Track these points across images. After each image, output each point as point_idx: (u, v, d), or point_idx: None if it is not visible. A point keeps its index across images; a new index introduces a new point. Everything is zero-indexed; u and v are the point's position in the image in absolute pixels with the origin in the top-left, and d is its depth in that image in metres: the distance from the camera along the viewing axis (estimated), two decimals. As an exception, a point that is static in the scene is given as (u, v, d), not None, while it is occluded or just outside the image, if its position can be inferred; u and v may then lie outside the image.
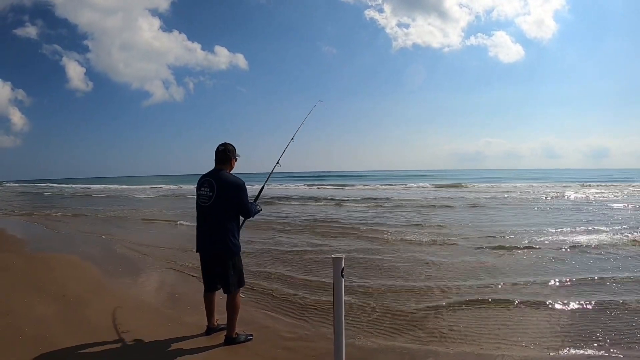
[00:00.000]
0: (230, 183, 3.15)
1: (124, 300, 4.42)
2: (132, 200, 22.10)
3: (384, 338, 3.44)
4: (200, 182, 3.22)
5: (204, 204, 3.17)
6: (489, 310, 4.06)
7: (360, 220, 11.18)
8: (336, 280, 2.29)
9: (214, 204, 3.13)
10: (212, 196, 3.12)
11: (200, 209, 3.21)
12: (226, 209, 3.15)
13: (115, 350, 3.17)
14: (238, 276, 3.26)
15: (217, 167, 3.25)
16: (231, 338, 3.25)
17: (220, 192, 3.11)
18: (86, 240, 8.60)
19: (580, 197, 18.76)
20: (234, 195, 3.14)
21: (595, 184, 28.95)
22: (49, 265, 6.13)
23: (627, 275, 5.15)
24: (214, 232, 3.16)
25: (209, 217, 3.17)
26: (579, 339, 3.34)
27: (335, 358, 2.34)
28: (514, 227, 9.26)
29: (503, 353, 3.10)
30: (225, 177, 3.18)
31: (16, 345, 3.18)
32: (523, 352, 3.13)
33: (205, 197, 3.15)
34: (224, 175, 3.20)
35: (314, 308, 4.19)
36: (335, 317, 2.32)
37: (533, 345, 3.24)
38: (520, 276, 5.26)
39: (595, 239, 7.57)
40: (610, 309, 3.97)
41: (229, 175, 3.22)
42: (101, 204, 19.93)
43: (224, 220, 3.14)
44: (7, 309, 4.02)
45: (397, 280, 5.17)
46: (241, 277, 3.32)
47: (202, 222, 3.23)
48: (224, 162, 3.26)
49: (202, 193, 3.18)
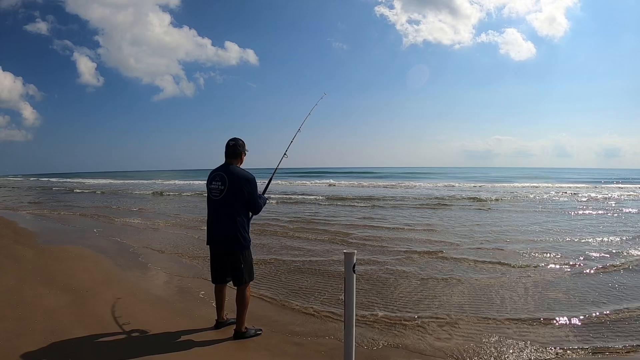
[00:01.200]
0: (241, 177, 3.17)
1: (134, 293, 4.45)
2: (132, 198, 22.27)
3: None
4: (212, 177, 3.24)
5: (215, 198, 3.19)
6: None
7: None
8: (348, 275, 2.26)
9: (225, 197, 3.14)
10: (224, 190, 3.14)
11: (212, 202, 3.24)
12: (237, 202, 3.16)
13: (124, 341, 3.19)
14: (248, 270, 3.28)
15: (227, 161, 3.26)
16: (240, 332, 3.25)
17: (231, 185, 3.13)
18: (93, 234, 8.68)
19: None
20: (245, 189, 3.15)
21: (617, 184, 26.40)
22: (59, 257, 6.20)
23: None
24: (224, 225, 3.17)
25: (220, 211, 3.19)
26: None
27: (345, 354, 2.31)
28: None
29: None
30: (237, 171, 3.20)
31: (26, 336, 3.20)
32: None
33: (217, 190, 3.17)
34: (235, 169, 3.22)
35: (323, 303, 4.17)
36: (346, 312, 2.28)
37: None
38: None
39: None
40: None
41: (240, 170, 3.24)
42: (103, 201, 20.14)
43: (235, 214, 3.16)
44: (19, 300, 4.06)
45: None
46: (251, 270, 3.33)
47: (213, 215, 3.25)
48: (235, 156, 3.27)
49: (213, 187, 3.20)
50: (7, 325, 3.41)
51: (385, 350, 3.13)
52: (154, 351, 3.00)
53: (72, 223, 10.41)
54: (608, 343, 3.21)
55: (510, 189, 22.72)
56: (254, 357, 2.99)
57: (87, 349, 3.01)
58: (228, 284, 3.41)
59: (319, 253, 6.52)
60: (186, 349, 3.06)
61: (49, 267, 5.53)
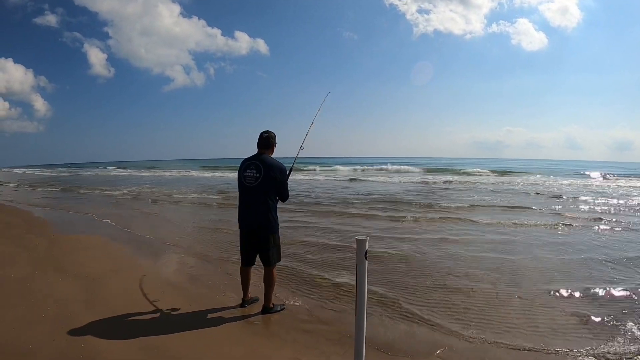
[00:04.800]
0: (275, 166, 3.42)
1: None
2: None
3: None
4: (246, 165, 3.46)
5: (249, 185, 3.41)
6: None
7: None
8: (360, 262, 2.20)
9: (260, 184, 3.37)
10: (260, 177, 3.37)
11: (246, 189, 3.45)
12: (270, 189, 3.40)
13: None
14: (277, 252, 3.54)
15: (260, 151, 3.50)
16: (268, 308, 3.53)
17: (266, 173, 3.37)
18: (105, 224, 8.74)
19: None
20: (278, 177, 3.41)
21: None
22: (73, 246, 6.26)
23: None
24: (258, 210, 3.41)
25: (254, 197, 3.41)
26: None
27: (355, 341, 2.27)
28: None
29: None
30: (270, 161, 3.45)
31: (38, 323, 3.23)
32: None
33: (252, 178, 3.39)
34: (269, 159, 3.46)
35: (333, 290, 4.14)
36: (357, 299, 2.23)
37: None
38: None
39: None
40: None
41: (273, 159, 3.49)
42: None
43: (267, 199, 3.40)
44: (31, 288, 4.10)
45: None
46: (279, 253, 3.59)
47: (247, 200, 3.46)
48: (267, 147, 3.52)
49: (248, 174, 3.42)
50: (19, 313, 3.44)
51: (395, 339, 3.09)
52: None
53: (83, 211, 10.51)
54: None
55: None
56: (265, 344, 2.98)
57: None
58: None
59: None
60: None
61: (63, 255, 5.58)
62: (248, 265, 3.63)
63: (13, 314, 3.42)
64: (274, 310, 3.54)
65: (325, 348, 2.90)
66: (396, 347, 2.93)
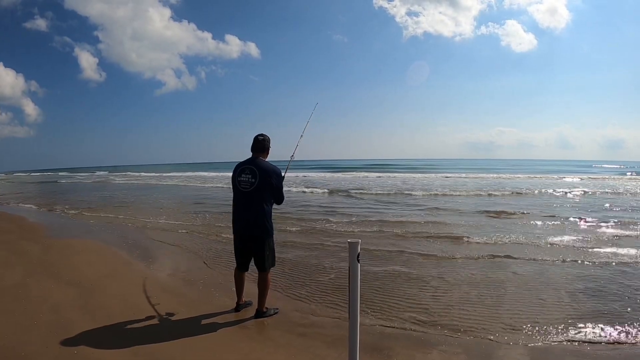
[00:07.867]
0: (270, 170, 3.36)
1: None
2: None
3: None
4: (240, 169, 3.39)
5: (245, 190, 3.35)
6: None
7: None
8: (352, 264, 2.22)
9: (256, 189, 3.32)
10: (255, 182, 3.31)
11: (241, 194, 3.39)
12: (266, 194, 3.35)
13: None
14: (272, 256, 3.50)
15: (254, 155, 3.44)
16: (261, 311, 3.50)
17: (262, 178, 3.31)
18: (103, 227, 8.68)
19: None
20: (273, 181, 3.35)
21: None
22: (66, 251, 6.20)
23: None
24: (253, 215, 3.35)
25: (249, 201, 3.36)
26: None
27: (349, 344, 2.29)
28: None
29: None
30: (265, 165, 3.38)
31: (32, 330, 3.20)
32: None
33: (247, 183, 3.34)
34: (264, 163, 3.40)
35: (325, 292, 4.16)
36: (350, 302, 2.25)
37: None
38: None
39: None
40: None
41: (268, 163, 3.42)
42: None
43: (263, 203, 3.34)
44: (24, 295, 4.06)
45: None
46: (274, 257, 3.55)
47: (243, 205, 3.40)
48: (262, 150, 3.46)
49: (243, 179, 3.36)
50: (14, 319, 3.41)
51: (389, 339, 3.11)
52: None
53: (75, 216, 10.42)
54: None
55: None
56: (259, 348, 2.98)
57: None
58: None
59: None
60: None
61: (56, 260, 5.54)
62: (242, 269, 3.60)
63: (6, 320, 3.39)
64: (267, 314, 3.52)
65: (319, 351, 2.91)
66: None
